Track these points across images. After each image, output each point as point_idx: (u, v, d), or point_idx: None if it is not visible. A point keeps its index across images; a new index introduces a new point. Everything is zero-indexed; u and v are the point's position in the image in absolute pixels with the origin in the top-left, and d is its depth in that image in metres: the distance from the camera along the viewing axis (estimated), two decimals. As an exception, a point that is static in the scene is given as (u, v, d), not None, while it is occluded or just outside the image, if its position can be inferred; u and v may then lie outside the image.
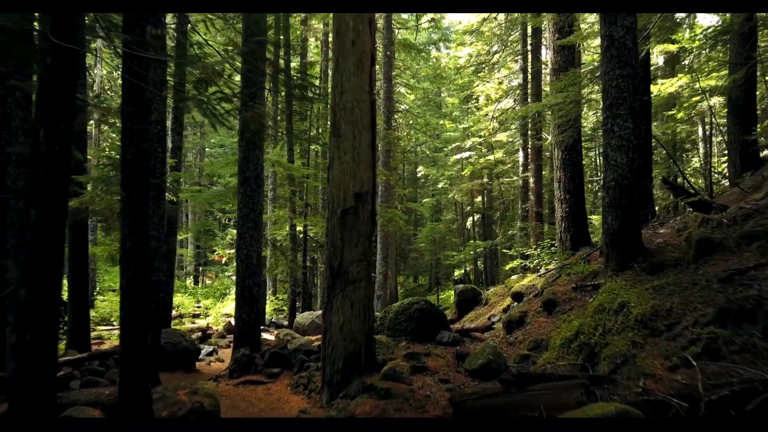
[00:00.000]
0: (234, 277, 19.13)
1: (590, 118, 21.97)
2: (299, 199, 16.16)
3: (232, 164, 10.02)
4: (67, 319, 10.36)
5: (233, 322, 18.62)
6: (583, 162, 11.97)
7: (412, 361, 6.61)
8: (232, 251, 18.59)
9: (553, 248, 16.39)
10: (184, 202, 25.95)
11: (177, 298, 22.18)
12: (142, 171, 6.39)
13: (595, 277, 8.37)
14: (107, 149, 14.00)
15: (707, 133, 16.35)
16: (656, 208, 13.37)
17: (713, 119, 16.37)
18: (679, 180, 16.19)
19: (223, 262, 23.38)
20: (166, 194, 12.71)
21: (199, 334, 15.67)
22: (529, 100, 20.03)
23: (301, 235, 16.20)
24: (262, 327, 18.13)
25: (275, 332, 16.73)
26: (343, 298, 5.57)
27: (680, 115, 14.88)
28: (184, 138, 30.75)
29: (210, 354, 13.73)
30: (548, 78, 22.15)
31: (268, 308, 20.38)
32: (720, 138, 18.38)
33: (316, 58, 23.45)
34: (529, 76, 19.79)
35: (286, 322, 19.09)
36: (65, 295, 10.33)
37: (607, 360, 4.26)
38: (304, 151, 22.26)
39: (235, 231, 18.36)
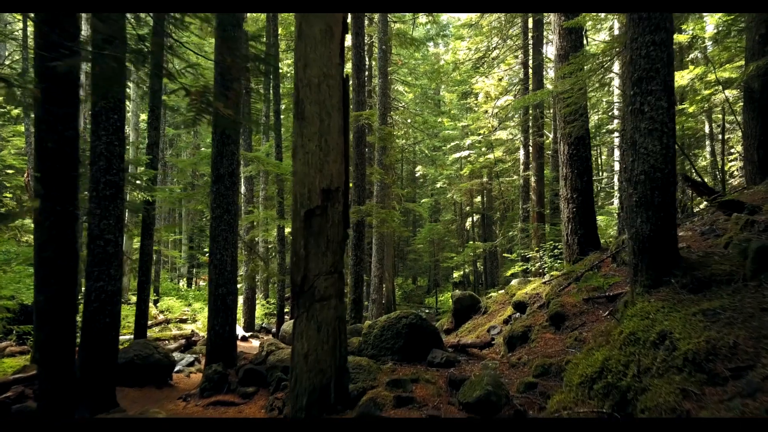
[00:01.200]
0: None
1: (592, 117, 20.73)
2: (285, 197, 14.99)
3: (207, 160, 8.91)
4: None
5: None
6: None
7: (397, 389, 5.42)
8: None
9: (556, 250, 15.20)
10: (178, 202, 24.77)
11: (166, 302, 21.01)
12: (67, 163, 5.23)
13: (610, 287, 7.18)
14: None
15: (717, 128, 15.13)
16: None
17: (725, 113, 15.14)
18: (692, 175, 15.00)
19: (215, 264, 22.23)
20: (142, 194, 11.59)
21: (183, 341, 14.51)
22: (530, 93, 18.82)
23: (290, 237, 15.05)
24: (251, 333, 17.03)
25: (264, 338, 15.55)
26: (308, 320, 4.39)
27: (692, 109, 13.66)
28: (179, 137, 29.64)
29: (191, 364, 12.49)
30: (551, 73, 20.95)
31: (259, 312, 19.20)
32: (728, 135, 17.15)
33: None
34: (530, 71, 18.58)
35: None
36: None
37: (646, 412, 3.06)
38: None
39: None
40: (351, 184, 14.40)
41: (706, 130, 17.25)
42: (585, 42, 15.74)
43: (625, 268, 7.81)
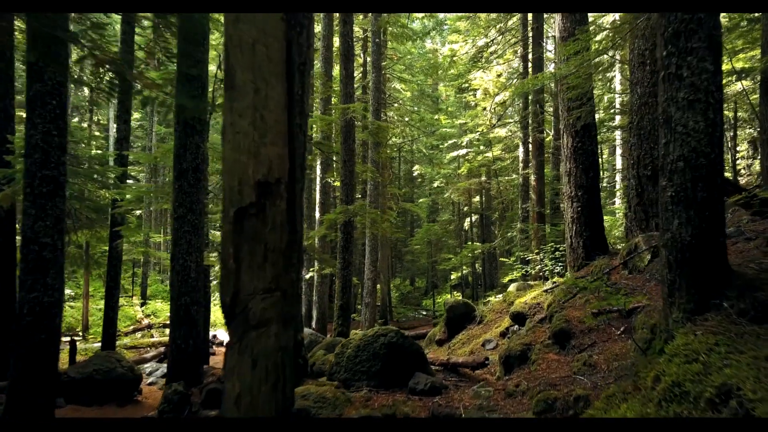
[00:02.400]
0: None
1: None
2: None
3: (172, 154, 7.81)
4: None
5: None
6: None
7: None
8: (214, 255, 16.35)
9: (557, 252, 14.02)
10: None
11: (152, 306, 19.93)
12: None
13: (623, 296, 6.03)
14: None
15: (731, 122, 13.94)
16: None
17: (737, 106, 13.96)
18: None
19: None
20: (110, 192, 10.49)
21: (162, 349, 13.39)
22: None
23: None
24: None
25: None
26: (241, 353, 3.25)
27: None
28: (171, 135, 28.48)
29: (165, 376, 11.31)
30: (551, 67, 19.77)
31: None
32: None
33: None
34: (530, 65, 17.41)
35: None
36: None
37: None
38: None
39: (217, 232, 16.08)
40: (338, 182, 13.27)
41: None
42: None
43: (639, 276, 6.66)
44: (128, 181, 21.44)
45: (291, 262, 3.38)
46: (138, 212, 23.42)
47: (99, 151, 11.11)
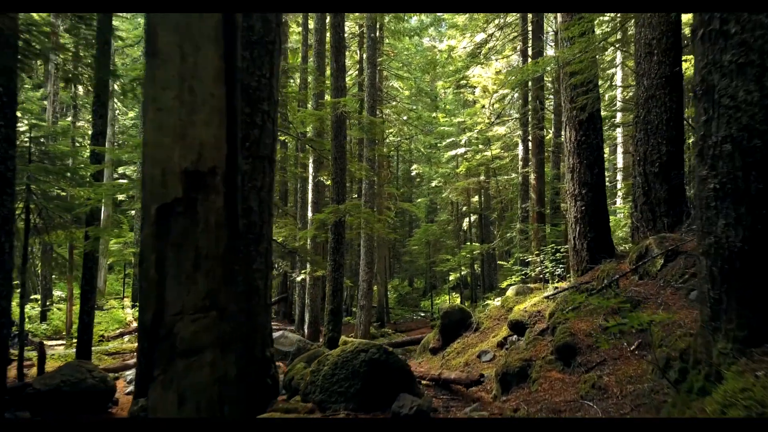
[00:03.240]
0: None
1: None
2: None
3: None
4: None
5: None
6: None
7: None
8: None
9: (558, 254, 13.25)
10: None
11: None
12: None
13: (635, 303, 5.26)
14: None
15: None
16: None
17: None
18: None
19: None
20: (86, 191, 9.74)
21: (147, 354, 12.64)
22: (529, 85, 16.89)
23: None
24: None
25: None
26: (165, 388, 2.52)
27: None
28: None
29: (144, 385, 10.49)
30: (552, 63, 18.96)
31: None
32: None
33: (297, 44, 20.39)
34: (530, 60, 16.64)
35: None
36: None
37: None
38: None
39: None
40: (328, 180, 12.52)
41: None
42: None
43: (652, 283, 5.89)
44: (122, 180, 20.78)
45: (231, 272, 2.60)
46: (133, 212, 22.70)
47: (67, 148, 10.36)
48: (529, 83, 16.71)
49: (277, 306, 20.58)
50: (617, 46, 7.87)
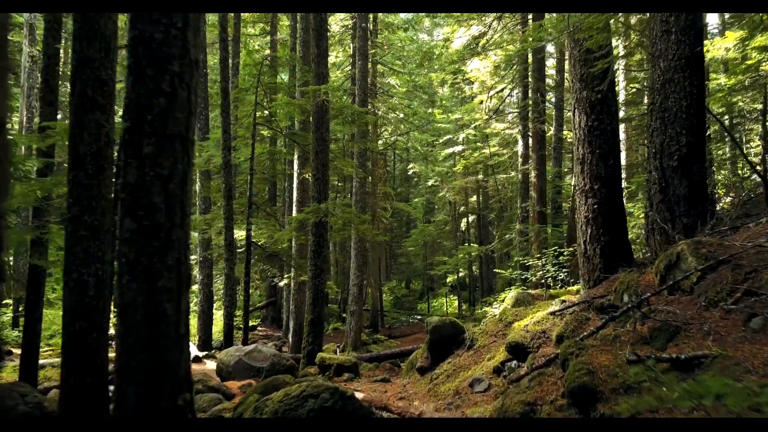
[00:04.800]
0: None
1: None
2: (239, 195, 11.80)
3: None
4: None
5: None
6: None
7: None
8: (210, 253, 14.24)
9: (561, 257, 11.88)
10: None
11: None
12: None
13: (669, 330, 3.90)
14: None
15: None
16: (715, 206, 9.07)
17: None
18: (741, 164, 11.59)
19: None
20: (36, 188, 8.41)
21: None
22: (529, 77, 15.52)
23: (243, 241, 11.78)
24: (205, 353, 13.77)
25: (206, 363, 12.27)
26: None
27: (731, 82, 10.32)
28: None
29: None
30: (553, 60, 17.53)
31: (217, 328, 15.89)
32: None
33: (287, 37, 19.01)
34: (530, 49, 15.26)
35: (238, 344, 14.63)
36: None
37: None
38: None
39: (211, 232, 14.01)
40: (311, 176, 11.15)
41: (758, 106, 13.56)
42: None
43: (687, 299, 4.51)
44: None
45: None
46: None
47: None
48: (530, 77, 15.33)
49: (265, 310, 19.23)
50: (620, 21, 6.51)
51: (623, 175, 18.01)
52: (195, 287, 14.60)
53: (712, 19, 22.27)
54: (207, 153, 12.42)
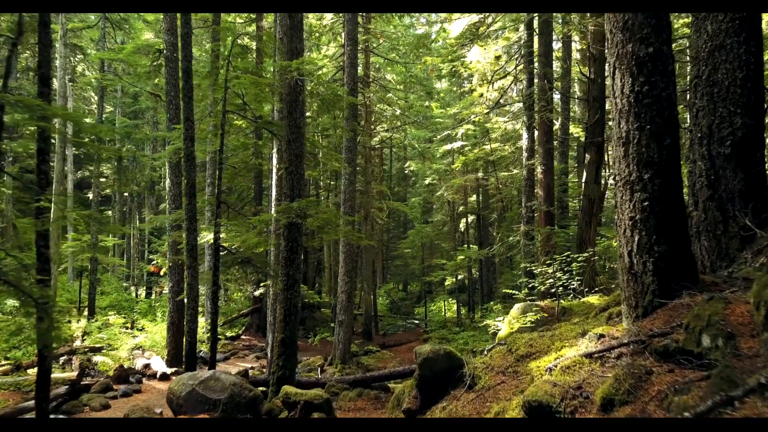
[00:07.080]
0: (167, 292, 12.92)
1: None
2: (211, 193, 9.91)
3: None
4: None
5: (138, 363, 12.36)
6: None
7: None
8: (179, 258, 12.38)
9: (574, 264, 9.93)
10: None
11: (102, 320, 16.00)
12: None
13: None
14: None
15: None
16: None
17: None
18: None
19: (161, 273, 17.25)
20: None
21: (65, 388, 9.44)
22: (535, 63, 13.58)
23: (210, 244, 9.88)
24: (174, 369, 11.92)
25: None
26: None
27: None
28: (137, 128, 24.56)
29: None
30: (559, 45, 15.62)
31: (202, 335, 14.07)
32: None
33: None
34: (536, 32, 13.36)
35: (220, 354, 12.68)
36: None
37: None
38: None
39: (183, 234, 12.12)
40: (283, 169, 9.25)
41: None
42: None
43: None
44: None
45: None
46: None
47: None
48: (535, 59, 13.40)
49: (250, 317, 17.34)
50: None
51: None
52: (165, 294, 12.66)
53: None
54: (173, 145, 10.55)
